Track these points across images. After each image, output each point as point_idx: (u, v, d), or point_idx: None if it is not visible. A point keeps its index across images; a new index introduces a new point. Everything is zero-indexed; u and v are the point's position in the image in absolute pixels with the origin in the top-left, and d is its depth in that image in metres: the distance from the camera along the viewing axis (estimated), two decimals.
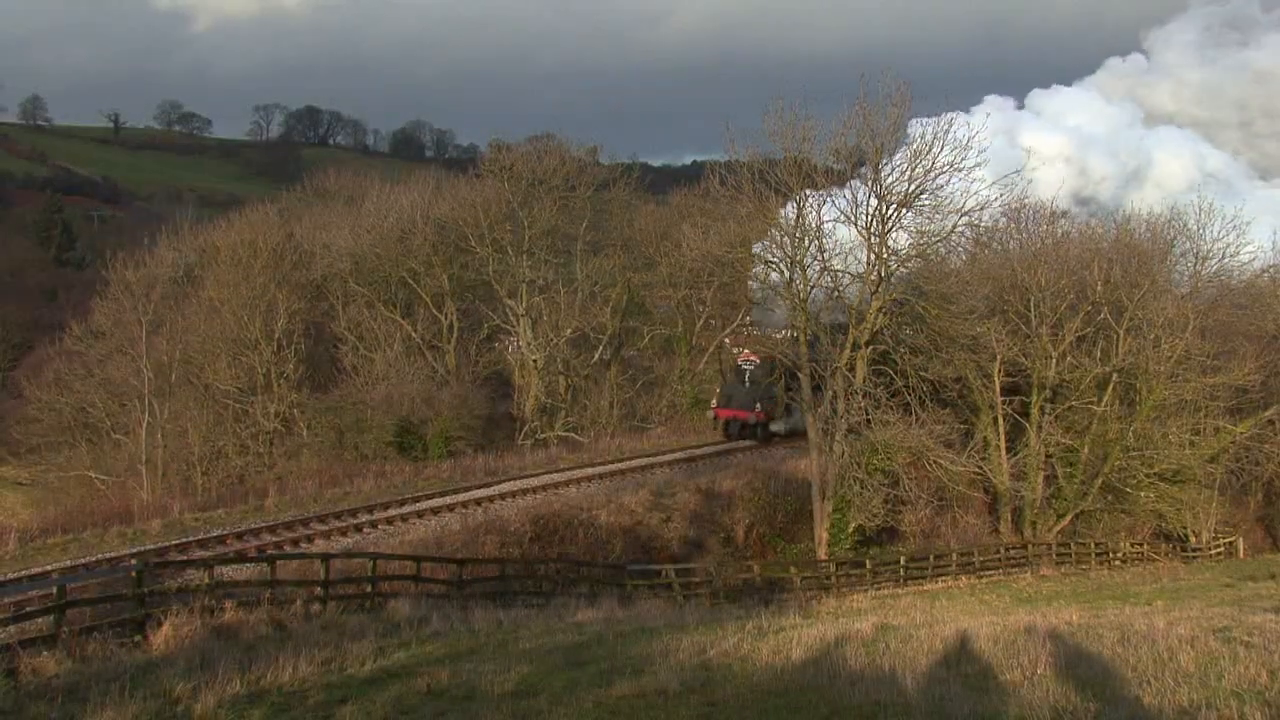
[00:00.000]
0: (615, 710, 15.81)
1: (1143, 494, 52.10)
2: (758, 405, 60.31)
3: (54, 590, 21.80)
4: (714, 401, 63.94)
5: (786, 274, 47.95)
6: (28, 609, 21.31)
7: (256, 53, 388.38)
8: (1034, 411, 51.21)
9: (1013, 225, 53.63)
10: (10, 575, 30.49)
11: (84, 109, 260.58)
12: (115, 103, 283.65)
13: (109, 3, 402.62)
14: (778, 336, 56.86)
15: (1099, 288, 50.18)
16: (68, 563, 32.63)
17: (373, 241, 75.10)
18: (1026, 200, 53.91)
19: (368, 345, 71.49)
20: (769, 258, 48.71)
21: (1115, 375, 50.64)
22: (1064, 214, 57.05)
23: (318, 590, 27.02)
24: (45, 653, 19.26)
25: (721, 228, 56.03)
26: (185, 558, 32.44)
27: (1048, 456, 51.44)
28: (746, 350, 64.28)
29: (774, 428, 61.81)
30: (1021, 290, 50.09)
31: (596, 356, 76.16)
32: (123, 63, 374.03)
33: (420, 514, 41.47)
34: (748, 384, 61.73)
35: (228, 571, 28.03)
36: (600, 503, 46.09)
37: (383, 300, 72.75)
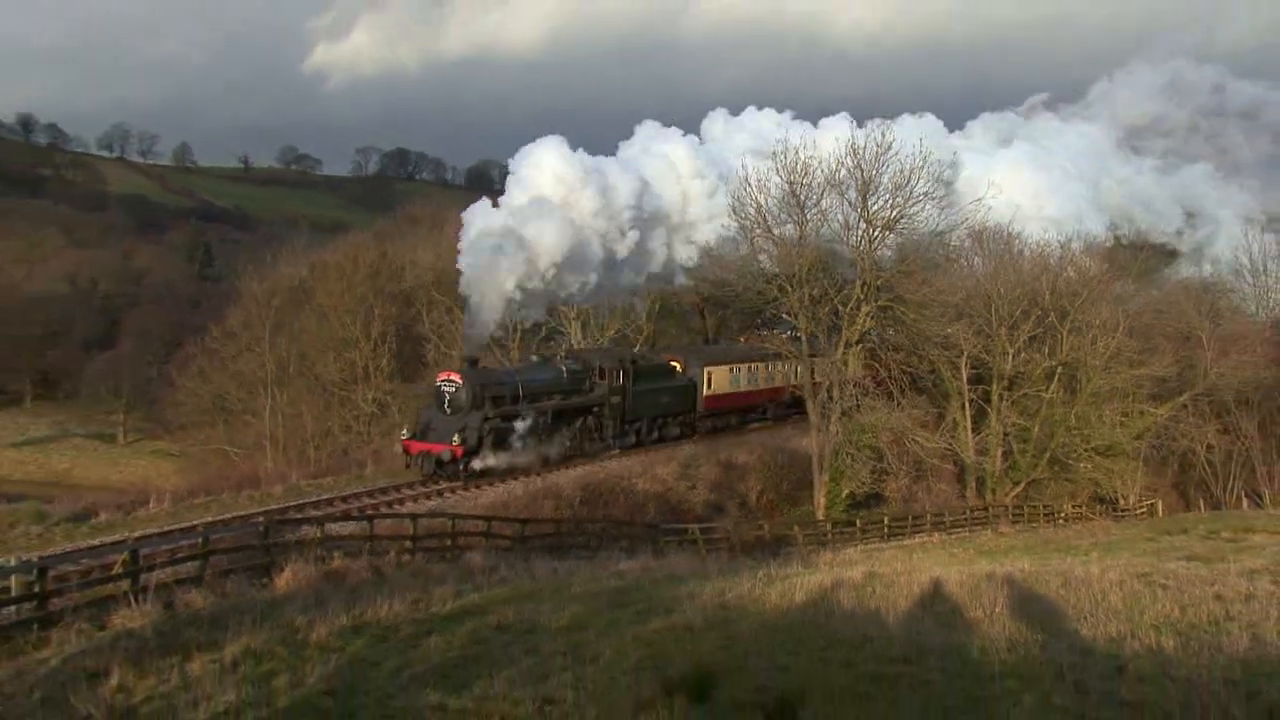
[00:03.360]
0: (650, 642, 15.87)
1: (1082, 465, 52.10)
2: (455, 437, 40.16)
3: (200, 541, 22.09)
4: (403, 431, 43.53)
5: (791, 288, 48.04)
6: (180, 555, 21.51)
7: (372, 104, 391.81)
8: (994, 398, 51.16)
9: (976, 243, 53.72)
10: (166, 528, 30.72)
11: (220, 151, 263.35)
12: (247, 145, 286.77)
13: (264, 67, 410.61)
14: (784, 337, 55.69)
15: (1047, 296, 50.11)
16: (209, 519, 32.79)
17: (452, 258, 75.02)
18: (988, 223, 54.12)
19: (447, 343, 71.46)
20: (775, 270, 48.84)
21: (1060, 368, 50.61)
22: (1018, 235, 56.63)
23: (407, 544, 27.21)
24: (194, 590, 19.58)
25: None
26: (301, 516, 32.53)
27: (1005, 434, 51.28)
28: (449, 369, 44.21)
29: (478, 465, 41.30)
30: (984, 298, 50.09)
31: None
32: (268, 115, 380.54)
33: (490, 482, 41.37)
34: (448, 411, 41.56)
35: (335, 528, 28.16)
36: (637, 473, 46.06)
37: (459, 306, 72.76)
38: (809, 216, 47.81)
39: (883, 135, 47.60)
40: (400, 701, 13.10)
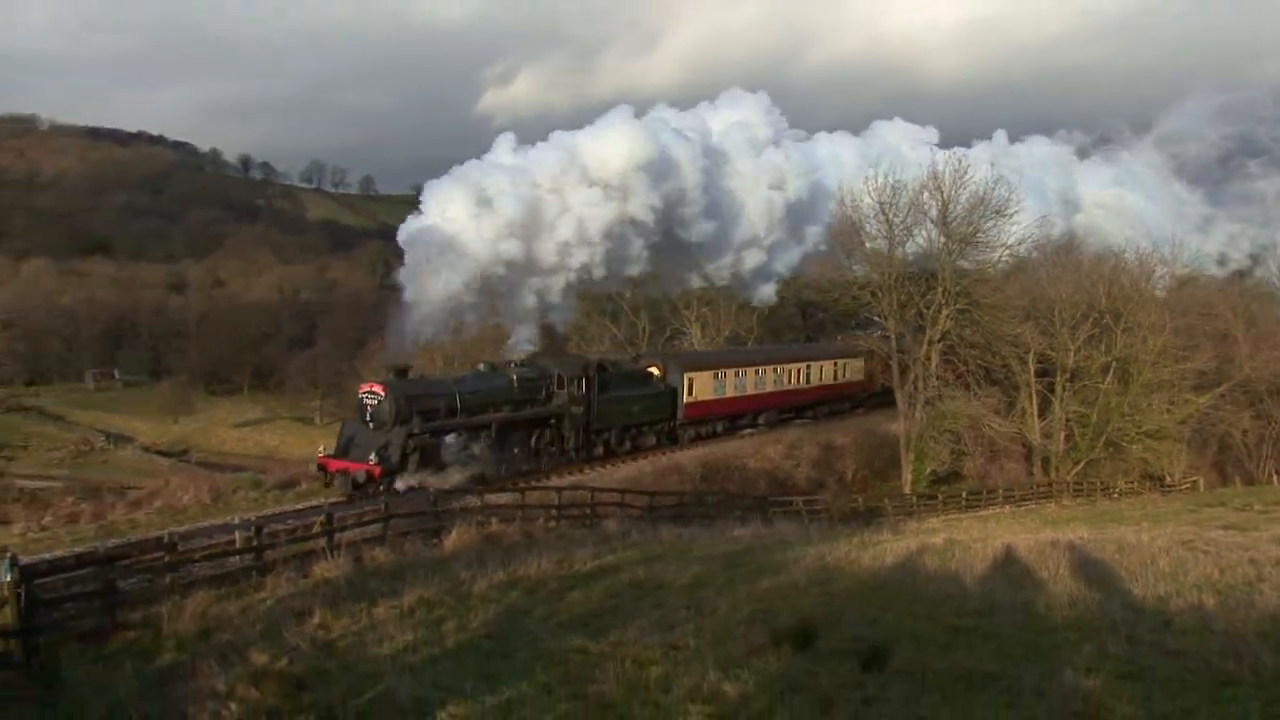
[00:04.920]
0: (761, 598, 15.84)
1: (1134, 447, 51.41)
2: (371, 456, 31.05)
3: (382, 507, 22.54)
4: (321, 449, 34.19)
5: (881, 294, 47.93)
6: (366, 519, 21.94)
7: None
8: (1057, 388, 50.70)
9: (1041, 255, 53.11)
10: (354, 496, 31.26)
11: (398, 182, 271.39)
12: (421, 176, 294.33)
13: (440, 111, 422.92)
14: (876, 336, 54.68)
15: (1103, 300, 49.86)
16: None
17: None
18: (1050, 237, 53.60)
19: (587, 341, 71.79)
20: (872, 276, 48.56)
21: (1115, 362, 50.12)
22: (1077, 247, 56.06)
23: (553, 512, 27.47)
24: (378, 548, 20.07)
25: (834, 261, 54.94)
26: (465, 488, 32.89)
27: (1067, 420, 51.00)
28: (372, 381, 35.05)
29: (401, 485, 31.67)
30: (1048, 302, 49.92)
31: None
32: (440, 150, 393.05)
33: (624, 461, 41.38)
34: (370, 425, 32.63)
35: (493, 498, 28.40)
36: (749, 453, 45.80)
37: (597, 310, 72.93)
38: (896, 232, 47.52)
39: (959, 161, 47.20)
40: (549, 644, 13.22)
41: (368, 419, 32.72)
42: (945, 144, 58.85)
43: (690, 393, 44.90)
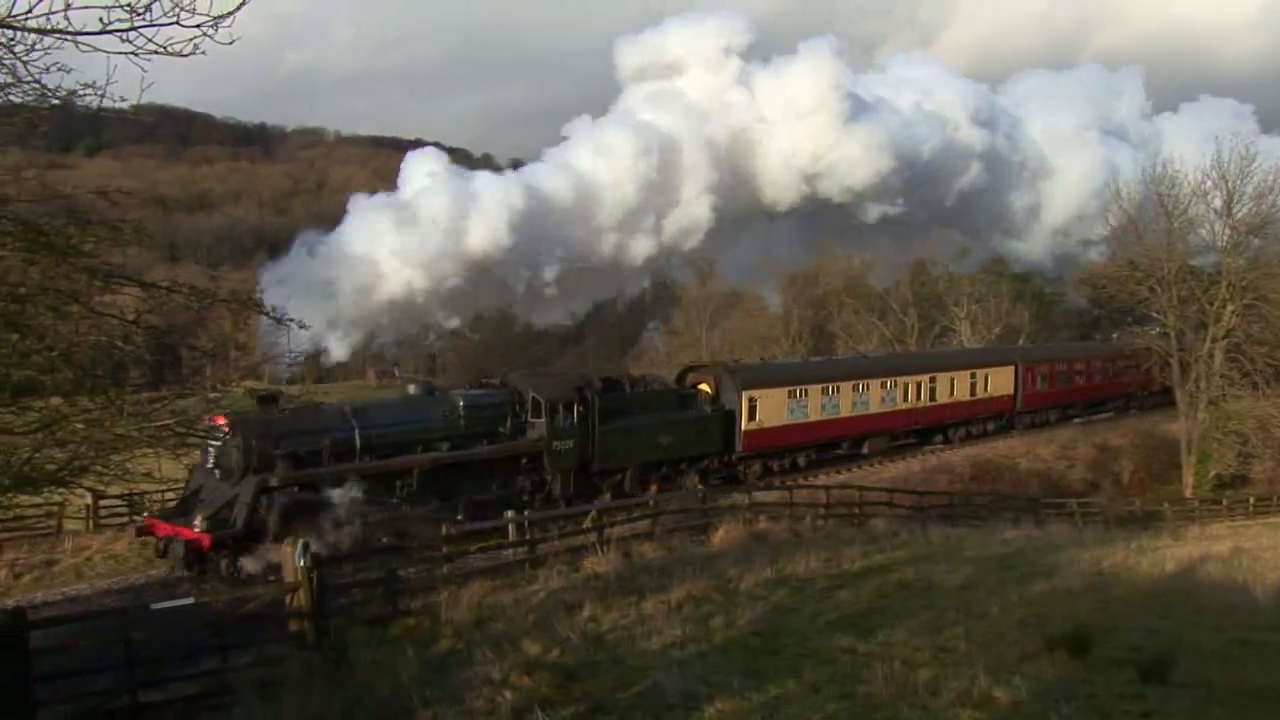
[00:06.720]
0: (1033, 602, 15.47)
1: None
2: (198, 521, 20.94)
3: (651, 503, 23.07)
4: (150, 507, 25.98)
5: (1160, 288, 45.68)
6: (635, 516, 22.53)
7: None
8: None
9: None
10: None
11: None
12: None
13: None
14: (1153, 333, 51.74)
15: None
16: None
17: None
18: None
19: (854, 339, 71.16)
20: (1150, 270, 46.29)
21: None
22: None
23: (821, 510, 27.37)
24: (646, 544, 20.56)
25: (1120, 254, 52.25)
26: (733, 486, 33.21)
27: None
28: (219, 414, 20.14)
29: (249, 565, 20.99)
30: None
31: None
32: None
33: (893, 460, 40.96)
34: (217, 473, 22.65)
35: (761, 496, 28.60)
36: (1020, 453, 44.62)
37: (865, 308, 72.23)
38: (1176, 223, 45.14)
39: (1246, 148, 44.35)
40: (816, 643, 13.24)
41: (212, 466, 23.01)
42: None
43: (752, 417, 34.98)
